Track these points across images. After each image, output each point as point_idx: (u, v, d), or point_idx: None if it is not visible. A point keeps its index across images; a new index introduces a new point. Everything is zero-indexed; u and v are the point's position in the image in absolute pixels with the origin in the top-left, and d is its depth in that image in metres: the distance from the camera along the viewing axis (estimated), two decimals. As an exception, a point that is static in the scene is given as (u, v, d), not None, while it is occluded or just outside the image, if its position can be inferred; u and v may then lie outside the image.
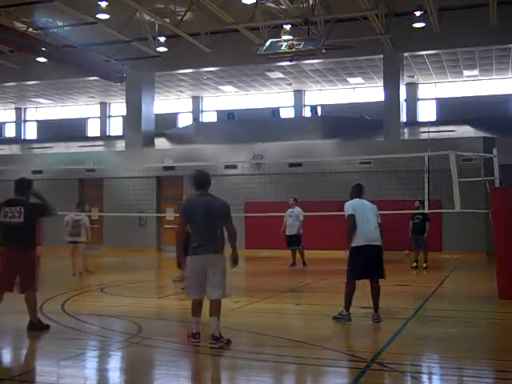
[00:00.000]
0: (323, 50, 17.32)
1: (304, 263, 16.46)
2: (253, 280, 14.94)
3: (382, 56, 22.43)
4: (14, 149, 29.55)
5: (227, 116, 26.35)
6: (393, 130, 22.11)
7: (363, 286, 8.36)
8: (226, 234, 6.95)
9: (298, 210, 16.57)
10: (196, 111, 30.48)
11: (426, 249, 16.28)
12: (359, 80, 27.07)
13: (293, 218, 16.51)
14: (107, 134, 31.99)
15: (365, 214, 8.15)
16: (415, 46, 21.94)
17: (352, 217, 8.04)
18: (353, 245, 8.08)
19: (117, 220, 23.22)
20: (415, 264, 16.25)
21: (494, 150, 11.11)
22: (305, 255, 16.64)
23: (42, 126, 33.21)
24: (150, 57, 23.15)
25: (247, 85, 27.99)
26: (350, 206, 8.17)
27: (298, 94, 29.00)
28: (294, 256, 16.64)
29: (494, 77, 25.98)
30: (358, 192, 8.40)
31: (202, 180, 6.93)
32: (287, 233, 16.58)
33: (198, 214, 6.77)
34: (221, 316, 6.65)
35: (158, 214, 23.11)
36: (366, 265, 8.10)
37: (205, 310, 6.77)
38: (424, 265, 16.16)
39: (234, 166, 22.54)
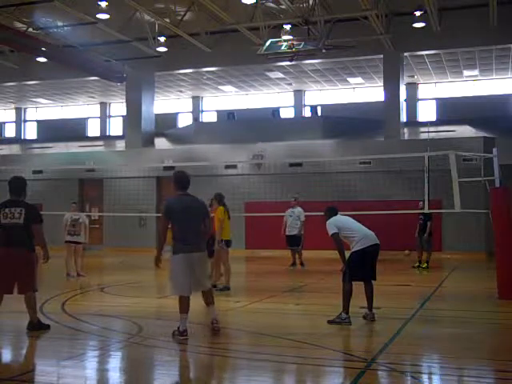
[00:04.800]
0: (323, 50, 17.32)
1: (302, 264, 16.36)
2: (253, 280, 14.93)
3: (381, 56, 22.42)
4: (14, 149, 29.52)
5: (227, 116, 26.34)
6: (393, 130, 22.12)
7: (356, 286, 8.32)
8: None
9: (298, 210, 16.51)
10: (196, 111, 30.47)
11: (429, 249, 16.23)
12: (359, 80, 27.06)
13: (293, 218, 16.46)
14: (107, 134, 31.98)
15: (353, 222, 8.35)
16: (415, 46, 21.93)
17: (336, 235, 8.07)
18: (359, 247, 8.05)
19: (117, 220, 23.22)
20: (418, 264, 16.24)
21: (494, 150, 11.10)
22: (303, 256, 16.53)
23: (42, 125, 33.19)
24: (150, 57, 23.16)
25: (247, 85, 27.98)
26: (332, 224, 8.15)
27: (298, 94, 28.99)
28: (294, 256, 16.60)
29: (494, 77, 25.97)
30: (334, 213, 8.37)
31: (184, 180, 7.24)
32: (287, 233, 16.54)
33: (184, 213, 7.05)
34: (221, 316, 6.67)
35: (158, 214, 23.05)
36: (369, 267, 8.14)
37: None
38: (424, 265, 16.15)
39: (234, 166, 22.53)
